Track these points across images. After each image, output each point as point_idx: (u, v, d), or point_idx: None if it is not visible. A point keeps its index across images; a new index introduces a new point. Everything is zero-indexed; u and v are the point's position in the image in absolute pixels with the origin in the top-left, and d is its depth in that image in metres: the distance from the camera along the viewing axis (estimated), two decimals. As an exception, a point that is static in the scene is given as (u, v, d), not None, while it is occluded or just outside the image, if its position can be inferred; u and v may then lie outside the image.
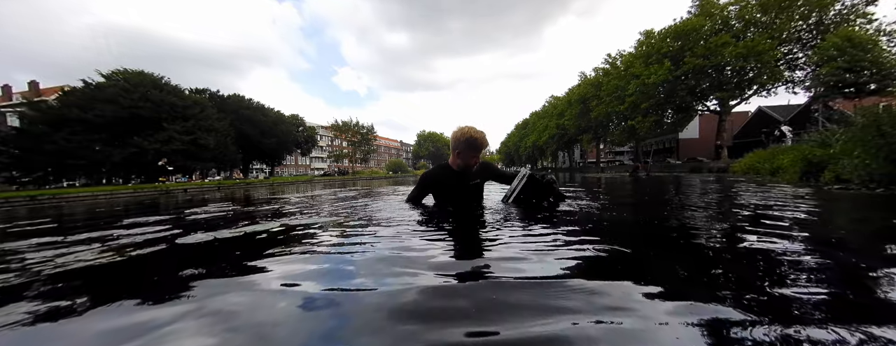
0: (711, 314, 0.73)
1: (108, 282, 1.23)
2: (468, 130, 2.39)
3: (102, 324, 0.80)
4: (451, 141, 2.50)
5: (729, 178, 8.10)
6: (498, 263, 1.15)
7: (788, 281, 0.93)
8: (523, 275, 1.01)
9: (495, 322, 0.71)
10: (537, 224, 1.82)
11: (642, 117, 25.70)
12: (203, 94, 35.24)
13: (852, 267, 1.09)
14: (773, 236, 1.47)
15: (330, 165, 60.12)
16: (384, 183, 14.24)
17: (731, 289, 0.88)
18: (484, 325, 0.70)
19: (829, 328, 0.65)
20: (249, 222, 2.54)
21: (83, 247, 1.77)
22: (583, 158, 58.84)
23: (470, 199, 2.65)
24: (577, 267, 1.09)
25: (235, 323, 0.78)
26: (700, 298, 0.83)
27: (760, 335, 0.63)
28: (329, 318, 0.79)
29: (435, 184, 2.68)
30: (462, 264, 1.19)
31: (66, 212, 5.25)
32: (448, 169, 2.62)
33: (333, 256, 1.38)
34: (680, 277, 1.03)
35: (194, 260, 1.43)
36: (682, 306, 0.78)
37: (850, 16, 19.09)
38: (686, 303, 0.80)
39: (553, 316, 0.73)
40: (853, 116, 5.97)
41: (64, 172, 23.90)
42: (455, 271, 1.08)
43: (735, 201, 3.13)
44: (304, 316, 0.81)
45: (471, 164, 2.47)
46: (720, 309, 0.75)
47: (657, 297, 0.83)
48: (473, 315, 0.75)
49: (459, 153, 2.46)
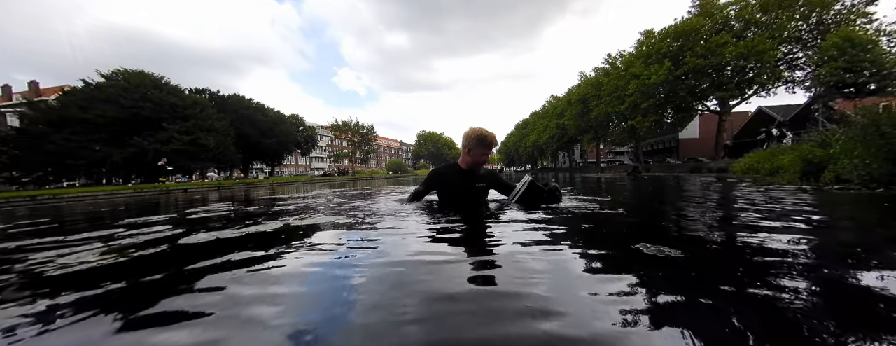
0: (706, 313, 0.73)
1: (107, 282, 1.23)
2: (479, 128, 2.56)
3: (102, 323, 0.80)
4: (463, 139, 2.62)
5: (729, 178, 8.10)
6: (504, 259, 1.15)
7: (786, 281, 0.93)
8: (526, 279, 1.01)
9: (499, 324, 0.71)
10: (536, 224, 1.82)
11: (642, 117, 25.68)
12: (203, 94, 35.22)
13: (852, 267, 1.09)
14: (772, 236, 1.47)
15: (330, 166, 60.10)
16: (384, 183, 14.24)
17: (729, 289, 0.88)
18: (487, 326, 0.70)
19: (829, 327, 0.65)
20: (250, 222, 2.54)
21: (84, 247, 1.77)
22: (583, 158, 58.82)
23: (474, 200, 2.71)
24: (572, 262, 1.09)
25: (235, 324, 0.78)
26: (695, 297, 0.83)
27: (760, 335, 0.63)
28: (328, 318, 0.79)
29: (443, 181, 2.74)
30: (464, 264, 1.20)
31: (66, 212, 5.25)
32: (457, 168, 2.71)
33: (334, 255, 1.38)
34: (676, 276, 1.03)
35: (194, 260, 1.43)
36: (676, 305, 0.78)
37: (850, 16, 19.08)
38: (679, 302, 0.80)
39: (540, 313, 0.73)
40: (853, 116, 5.97)
41: (64, 172, 23.89)
42: (458, 271, 1.08)
43: (733, 200, 3.13)
44: (305, 316, 0.81)
45: (480, 162, 2.58)
46: (717, 309, 0.75)
47: (650, 294, 0.84)
48: (478, 315, 0.75)
49: (470, 150, 2.57)
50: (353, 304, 0.87)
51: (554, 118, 46.35)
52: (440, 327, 0.71)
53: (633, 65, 25.65)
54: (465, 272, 1.07)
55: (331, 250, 1.48)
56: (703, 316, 0.73)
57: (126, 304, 0.97)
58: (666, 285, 0.93)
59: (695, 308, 0.78)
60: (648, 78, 23.11)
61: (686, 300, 0.82)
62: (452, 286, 0.95)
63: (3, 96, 41.81)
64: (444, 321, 0.73)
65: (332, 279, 1.10)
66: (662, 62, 22.66)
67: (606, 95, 29.42)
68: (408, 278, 1.04)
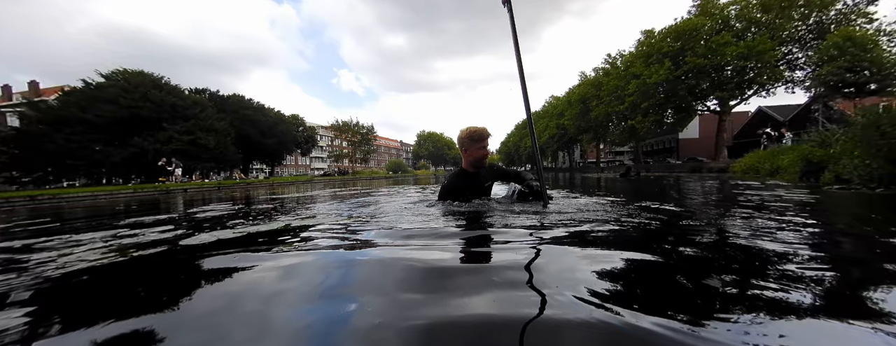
0: (703, 313, 0.73)
1: (108, 282, 1.23)
2: (467, 127, 2.61)
3: (103, 324, 0.80)
4: (458, 144, 2.66)
5: (731, 179, 8.10)
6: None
7: (784, 280, 0.93)
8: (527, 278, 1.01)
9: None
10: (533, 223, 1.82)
11: (642, 117, 25.68)
12: (203, 94, 35.18)
13: (852, 267, 1.09)
14: (771, 235, 1.47)
15: (330, 166, 60.04)
16: (384, 183, 14.23)
17: (726, 288, 0.88)
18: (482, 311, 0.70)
19: (828, 328, 0.66)
20: (250, 221, 2.54)
21: (85, 247, 1.77)
22: (583, 158, 58.82)
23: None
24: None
25: (234, 322, 0.78)
26: (692, 296, 0.83)
27: (758, 334, 0.64)
28: (329, 316, 0.79)
29: (455, 191, 2.69)
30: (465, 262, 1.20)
31: (66, 212, 5.25)
32: (463, 173, 2.73)
33: (333, 255, 1.38)
34: (673, 276, 1.03)
35: (195, 260, 1.43)
36: (672, 304, 0.78)
37: (850, 15, 19.08)
38: (676, 302, 0.80)
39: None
40: (853, 116, 5.96)
41: (64, 172, 23.87)
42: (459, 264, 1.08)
43: (732, 201, 3.13)
44: (305, 316, 0.81)
45: (480, 156, 2.59)
46: (715, 308, 0.75)
47: (650, 295, 0.84)
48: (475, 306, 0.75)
49: (467, 150, 2.60)
50: (354, 304, 0.87)
51: (554, 118, 46.36)
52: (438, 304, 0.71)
53: (633, 65, 25.65)
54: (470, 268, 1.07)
55: (331, 251, 1.48)
56: (694, 315, 0.73)
57: (126, 304, 0.97)
58: (662, 285, 0.93)
59: (685, 306, 0.78)
60: (649, 78, 23.11)
61: (678, 300, 0.82)
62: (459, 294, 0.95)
63: (3, 96, 41.79)
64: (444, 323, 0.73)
65: (332, 280, 1.10)
66: (662, 62, 22.67)
67: (606, 95, 29.42)
68: (409, 279, 1.04)
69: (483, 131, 2.57)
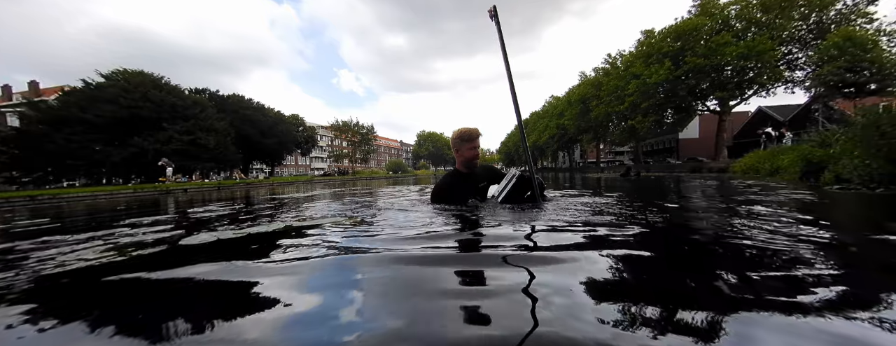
0: (701, 312, 0.73)
1: (108, 282, 1.23)
2: (459, 129, 2.67)
3: (102, 323, 0.80)
4: (451, 145, 2.70)
5: (731, 179, 8.10)
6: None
7: (784, 280, 0.93)
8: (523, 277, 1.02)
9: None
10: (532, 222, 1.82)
11: (642, 117, 25.67)
12: (203, 94, 35.20)
13: (852, 267, 1.09)
14: (771, 236, 1.47)
15: (330, 166, 60.04)
16: (384, 183, 14.24)
17: (725, 288, 0.88)
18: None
19: (829, 328, 0.66)
20: (250, 222, 2.54)
21: (85, 246, 1.77)
22: (583, 158, 58.81)
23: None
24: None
25: (233, 323, 0.78)
26: (690, 296, 0.83)
27: (758, 333, 0.64)
28: (328, 316, 0.79)
29: (449, 191, 2.71)
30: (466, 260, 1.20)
31: (66, 212, 5.25)
32: (457, 174, 2.74)
33: (333, 254, 1.38)
34: (671, 276, 1.03)
35: (195, 260, 1.43)
36: (671, 304, 0.78)
37: (850, 15, 19.08)
38: (674, 301, 0.80)
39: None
40: (853, 116, 5.96)
41: (64, 172, 23.88)
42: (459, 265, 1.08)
43: (732, 201, 3.13)
44: (305, 316, 0.81)
45: (472, 156, 2.61)
46: (715, 309, 0.75)
47: (650, 293, 0.84)
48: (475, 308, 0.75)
49: (458, 151, 2.63)
50: (354, 305, 0.87)
51: (554, 118, 46.34)
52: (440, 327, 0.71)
53: (633, 65, 25.64)
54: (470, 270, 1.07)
55: (332, 250, 1.48)
56: (692, 314, 0.73)
57: (125, 304, 0.97)
58: (661, 285, 0.93)
59: (686, 308, 0.78)
60: (648, 78, 23.10)
61: (676, 300, 0.82)
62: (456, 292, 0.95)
63: (3, 96, 41.81)
64: (444, 323, 0.73)
65: (331, 279, 1.10)
66: (663, 62, 22.65)
67: (606, 95, 29.41)
68: (409, 279, 1.04)
69: (473, 132, 2.61)
